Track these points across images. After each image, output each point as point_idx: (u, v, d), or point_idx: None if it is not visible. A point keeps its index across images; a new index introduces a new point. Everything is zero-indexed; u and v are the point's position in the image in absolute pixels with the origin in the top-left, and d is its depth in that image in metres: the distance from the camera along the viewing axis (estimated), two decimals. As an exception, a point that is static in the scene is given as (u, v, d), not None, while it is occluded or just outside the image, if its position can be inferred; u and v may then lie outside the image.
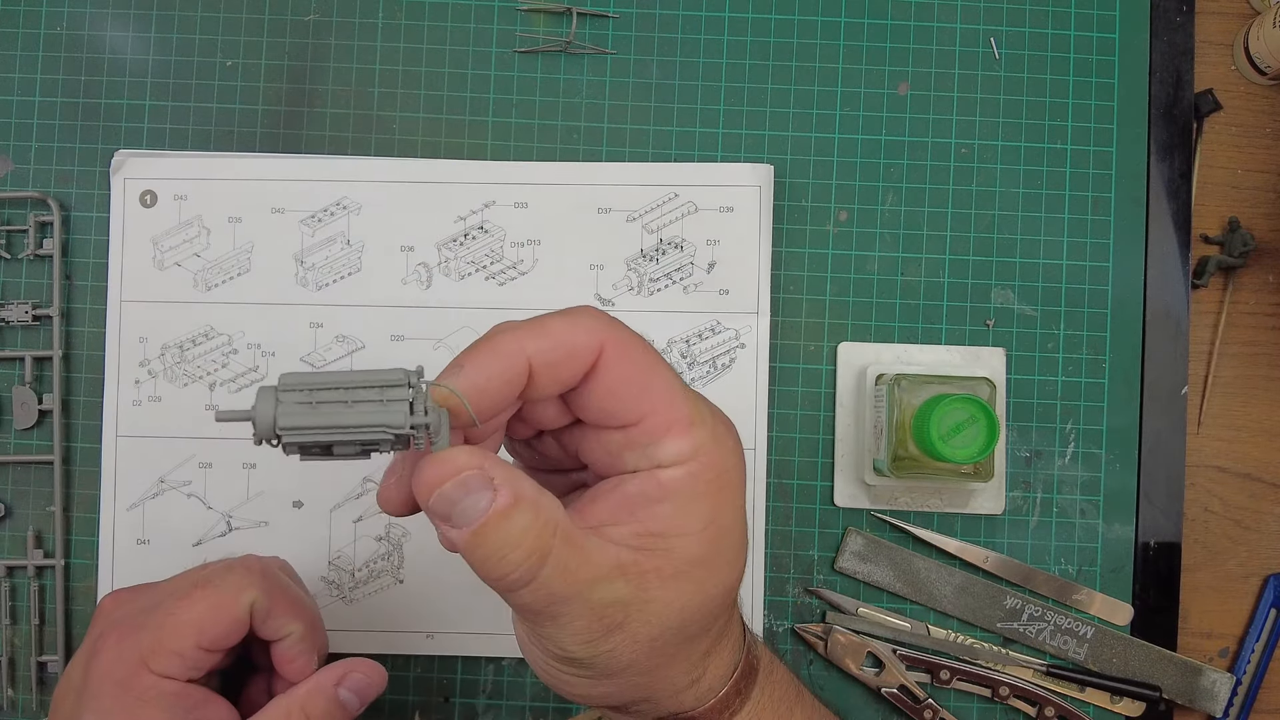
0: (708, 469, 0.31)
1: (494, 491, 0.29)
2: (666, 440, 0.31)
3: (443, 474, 0.29)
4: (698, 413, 0.32)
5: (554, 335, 0.30)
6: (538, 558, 0.29)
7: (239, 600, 0.39)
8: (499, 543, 0.29)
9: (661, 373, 0.31)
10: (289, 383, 0.28)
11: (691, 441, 0.31)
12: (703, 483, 0.31)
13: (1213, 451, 0.54)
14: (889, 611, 0.52)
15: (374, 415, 0.28)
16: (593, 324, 0.31)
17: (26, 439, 0.53)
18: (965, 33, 0.54)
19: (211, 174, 0.52)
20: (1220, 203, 0.54)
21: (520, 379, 0.30)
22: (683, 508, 0.31)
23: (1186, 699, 0.51)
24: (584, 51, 0.54)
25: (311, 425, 0.27)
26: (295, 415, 0.27)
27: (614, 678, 0.33)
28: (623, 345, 0.31)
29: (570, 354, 0.30)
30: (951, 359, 0.52)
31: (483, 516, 0.28)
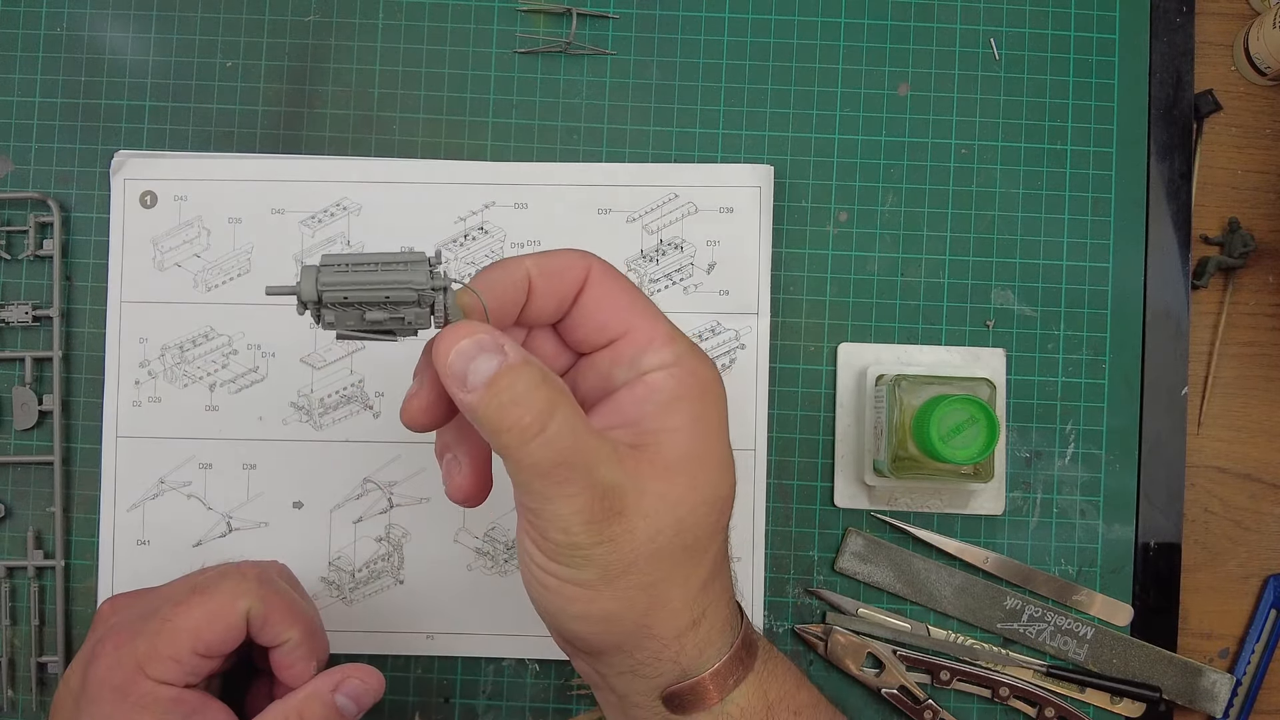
0: (690, 374, 0.34)
1: (504, 354, 0.31)
2: (650, 350, 0.34)
3: (459, 334, 0.31)
4: (675, 331, 0.35)
5: (549, 256, 0.34)
6: (548, 407, 0.31)
7: (235, 607, 0.40)
8: (512, 393, 0.31)
9: (641, 296, 0.35)
10: (328, 260, 0.32)
11: (673, 350, 0.34)
12: (685, 385, 0.34)
13: (1213, 452, 0.54)
14: (889, 612, 0.52)
15: (401, 275, 0.32)
16: (581, 253, 0.35)
17: (26, 439, 0.53)
18: (965, 33, 0.54)
19: (211, 175, 0.52)
20: (1220, 203, 0.54)
21: (522, 289, 0.34)
22: (668, 405, 0.34)
23: (1186, 699, 0.51)
24: (584, 52, 0.54)
25: (347, 282, 0.32)
26: (333, 277, 0.32)
27: (614, 583, 0.33)
28: (606, 267, 0.35)
29: (563, 269, 0.34)
30: (951, 359, 0.52)
31: (493, 372, 0.31)
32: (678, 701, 0.36)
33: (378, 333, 0.33)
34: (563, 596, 0.34)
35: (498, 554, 0.52)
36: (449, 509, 0.52)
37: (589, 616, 0.34)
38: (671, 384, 0.34)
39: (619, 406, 0.34)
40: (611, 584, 0.33)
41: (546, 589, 0.34)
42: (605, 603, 0.33)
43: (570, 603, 0.34)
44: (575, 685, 0.52)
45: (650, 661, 0.35)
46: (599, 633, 0.35)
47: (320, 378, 0.52)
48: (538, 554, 0.33)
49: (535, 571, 0.34)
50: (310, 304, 0.32)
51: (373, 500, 0.52)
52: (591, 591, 0.33)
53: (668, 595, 0.34)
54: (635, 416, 0.34)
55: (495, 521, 0.52)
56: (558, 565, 0.33)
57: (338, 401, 0.52)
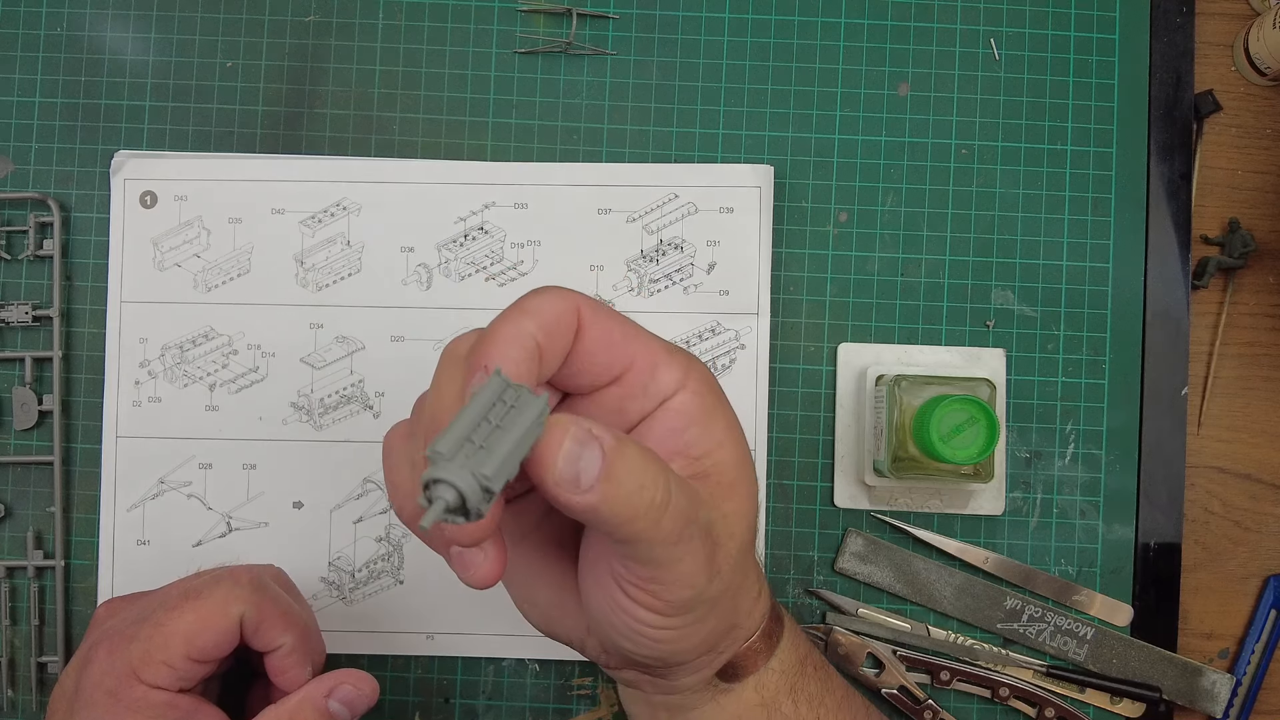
0: (703, 384, 0.33)
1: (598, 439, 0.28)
2: (659, 375, 0.33)
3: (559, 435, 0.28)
4: (669, 345, 0.34)
5: (541, 311, 0.31)
6: (662, 476, 0.30)
7: (228, 612, 0.40)
8: (631, 477, 0.29)
9: (627, 320, 0.34)
10: (438, 451, 0.26)
11: (680, 368, 0.33)
12: (707, 397, 0.33)
13: (1213, 452, 0.54)
14: (889, 612, 0.52)
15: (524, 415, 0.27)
16: (561, 293, 0.32)
17: (26, 439, 0.53)
18: (965, 33, 0.54)
19: (212, 175, 0.52)
20: (1220, 203, 0.54)
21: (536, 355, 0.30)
22: (705, 424, 0.33)
23: (1187, 700, 0.51)
24: (584, 52, 0.54)
25: (496, 462, 0.26)
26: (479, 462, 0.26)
27: (718, 607, 0.33)
28: (592, 304, 0.33)
29: (559, 321, 0.31)
30: (951, 360, 0.52)
31: (603, 461, 0.28)
32: (732, 672, 0.37)
33: None
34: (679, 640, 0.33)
35: (498, 554, 0.52)
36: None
37: (693, 649, 0.34)
38: (696, 401, 0.33)
39: (656, 440, 0.33)
40: (716, 608, 0.33)
41: (659, 643, 0.33)
42: (711, 623, 0.34)
43: (685, 641, 0.33)
44: (575, 685, 0.52)
45: (730, 646, 0.36)
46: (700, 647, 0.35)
47: (320, 378, 0.52)
48: (651, 616, 0.32)
49: (646, 632, 0.33)
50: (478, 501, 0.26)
51: (373, 500, 0.52)
52: (702, 623, 0.33)
53: (745, 587, 0.35)
54: (681, 446, 0.33)
55: (495, 521, 0.52)
56: (679, 619, 0.32)
57: (338, 401, 0.52)
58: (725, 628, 0.35)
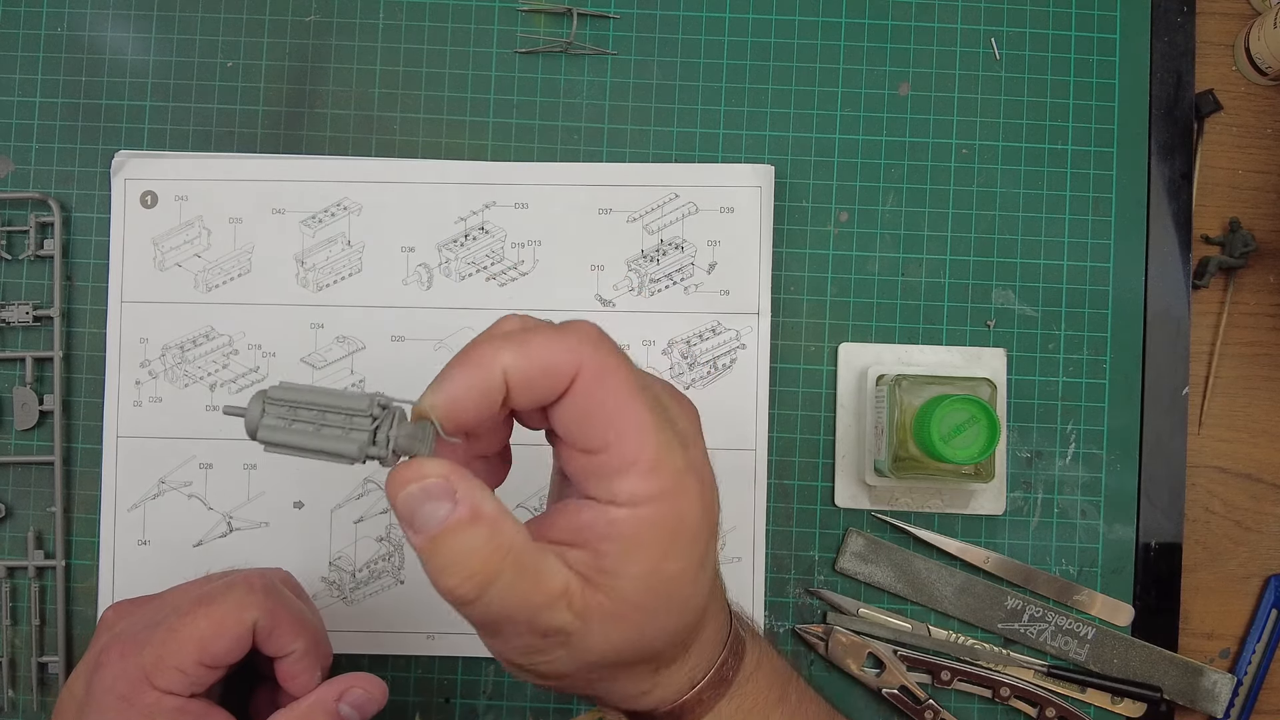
0: (660, 516, 0.31)
1: (454, 503, 0.29)
2: (624, 478, 0.30)
3: (406, 478, 0.30)
4: (665, 456, 0.31)
5: (533, 352, 0.30)
6: (484, 579, 0.29)
7: (241, 619, 0.40)
8: (451, 555, 0.29)
9: (634, 407, 0.30)
10: (276, 395, 0.30)
11: (648, 485, 0.30)
12: (650, 528, 0.31)
13: (1214, 452, 0.53)
14: (890, 612, 0.52)
15: (334, 443, 0.30)
16: (575, 343, 0.30)
17: (27, 439, 0.53)
18: (966, 33, 0.54)
19: (212, 175, 0.52)
20: (1221, 203, 0.54)
21: (496, 393, 0.30)
22: (626, 550, 0.31)
23: (1187, 700, 0.51)
24: (584, 52, 0.54)
25: (283, 442, 0.30)
26: (273, 431, 0.30)
27: (556, 680, 0.34)
28: (600, 371, 0.30)
29: (545, 372, 0.30)
30: (952, 359, 0.52)
31: (440, 525, 0.29)
32: None
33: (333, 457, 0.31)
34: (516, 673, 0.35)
35: (498, 554, 0.52)
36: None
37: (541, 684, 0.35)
38: (634, 529, 0.30)
39: (581, 529, 0.31)
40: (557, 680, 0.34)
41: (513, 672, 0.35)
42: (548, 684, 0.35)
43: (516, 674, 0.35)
44: (576, 685, 0.52)
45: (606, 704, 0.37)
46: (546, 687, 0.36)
47: (321, 378, 0.52)
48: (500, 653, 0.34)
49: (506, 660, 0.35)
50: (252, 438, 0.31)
51: (373, 500, 0.52)
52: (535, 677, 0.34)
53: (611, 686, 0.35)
54: (594, 548, 0.31)
55: (496, 521, 0.52)
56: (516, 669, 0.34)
57: (338, 401, 0.52)
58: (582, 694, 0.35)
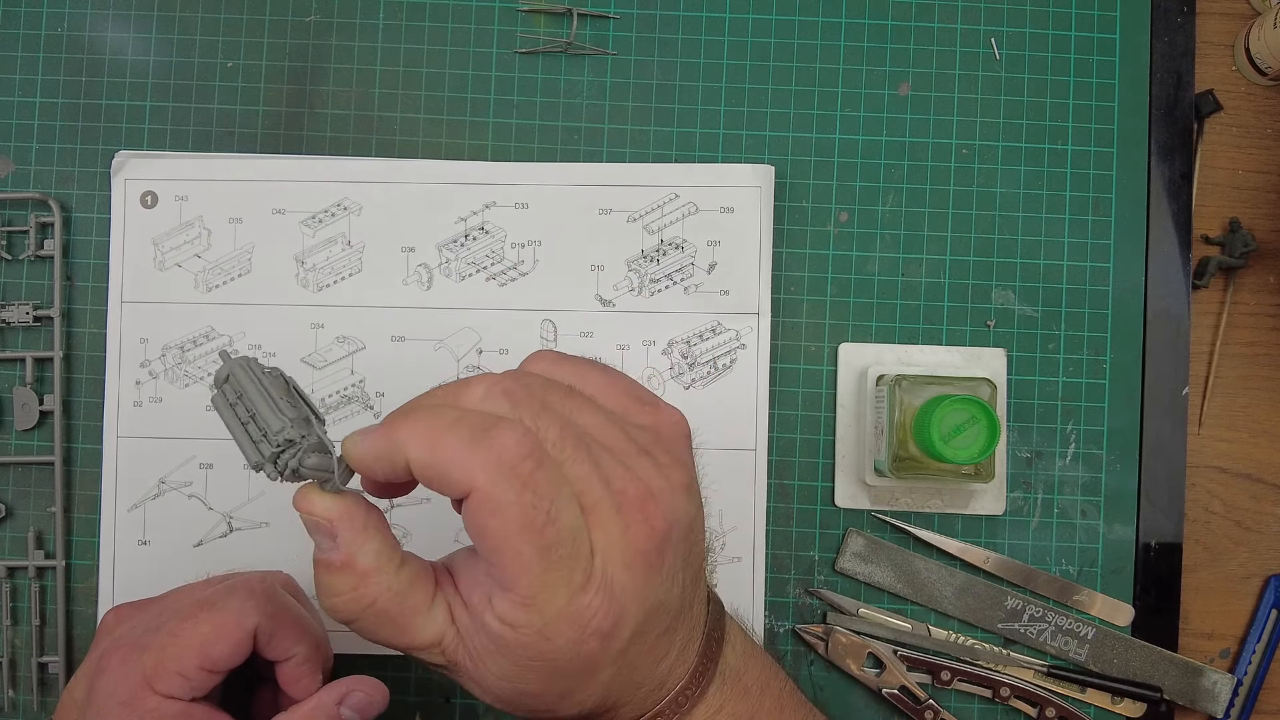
0: (522, 645, 0.31)
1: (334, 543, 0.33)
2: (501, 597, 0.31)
3: (299, 506, 0.34)
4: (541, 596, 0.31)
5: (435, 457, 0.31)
6: (345, 615, 0.34)
7: (242, 624, 0.40)
8: (320, 584, 0.34)
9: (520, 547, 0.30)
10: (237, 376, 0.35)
11: (517, 615, 0.31)
12: (512, 650, 0.32)
13: (1214, 452, 0.53)
14: (890, 612, 0.52)
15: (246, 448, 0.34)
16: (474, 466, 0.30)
17: (27, 440, 0.53)
18: (966, 33, 0.54)
19: (212, 175, 0.52)
20: (1221, 203, 0.54)
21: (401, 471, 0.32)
22: (491, 652, 0.32)
23: (1187, 700, 0.51)
24: (584, 52, 0.54)
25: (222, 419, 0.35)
26: (219, 403, 0.35)
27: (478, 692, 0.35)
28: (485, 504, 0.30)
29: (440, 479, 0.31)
30: (952, 360, 0.52)
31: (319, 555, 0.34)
32: None
33: None
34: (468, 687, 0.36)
35: (498, 554, 0.52)
36: (449, 510, 0.51)
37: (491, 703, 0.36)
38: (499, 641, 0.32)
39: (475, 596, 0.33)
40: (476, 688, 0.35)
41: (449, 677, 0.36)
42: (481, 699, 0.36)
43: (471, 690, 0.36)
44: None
45: None
46: None
47: (321, 378, 0.52)
48: None
49: None
50: None
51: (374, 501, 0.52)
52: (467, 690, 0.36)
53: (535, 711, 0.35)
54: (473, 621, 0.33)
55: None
56: None
57: (338, 401, 0.52)
58: None
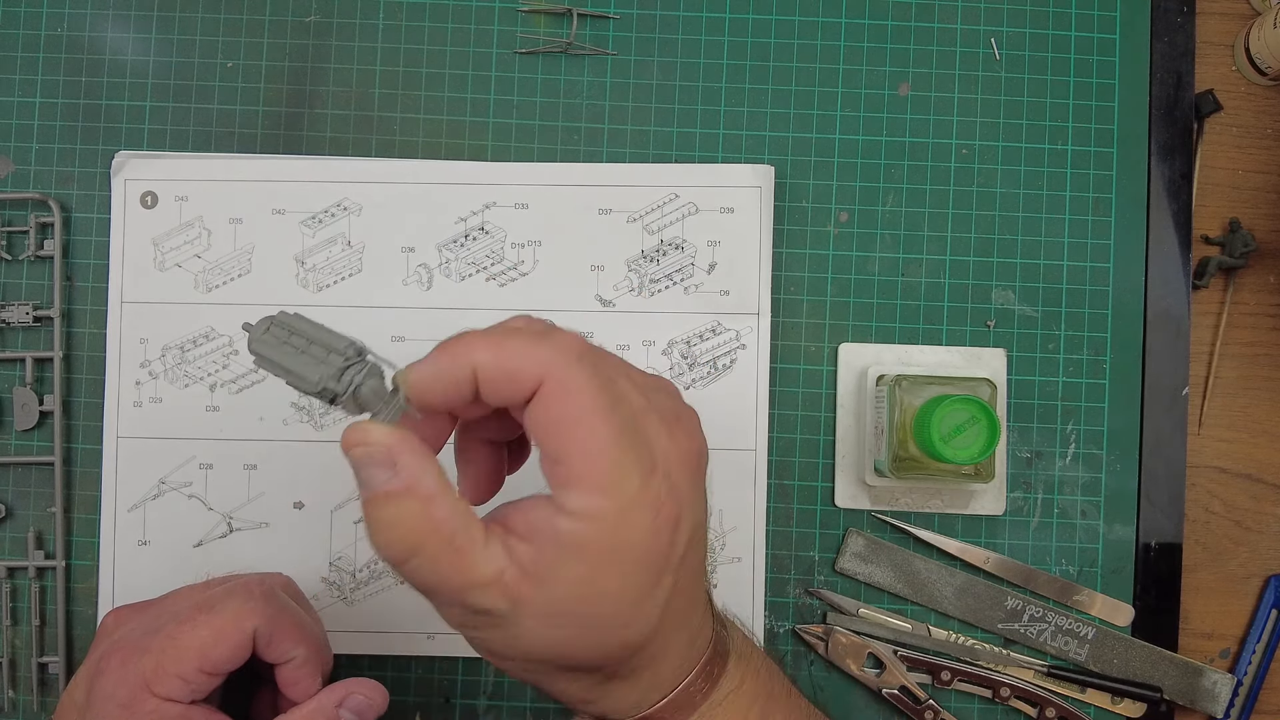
0: (601, 534, 0.31)
1: (393, 473, 0.31)
2: (573, 491, 0.31)
3: (353, 440, 0.31)
4: (617, 479, 0.31)
5: (504, 355, 0.31)
6: (407, 548, 0.31)
7: (242, 627, 0.40)
8: (382, 518, 0.31)
9: (591, 425, 0.31)
10: (282, 320, 0.34)
11: (594, 503, 0.31)
12: (590, 543, 0.31)
13: (1214, 452, 0.53)
14: (890, 612, 0.52)
15: (304, 367, 0.33)
16: (546, 354, 0.31)
17: (27, 440, 0.53)
18: (966, 33, 0.54)
19: (212, 175, 0.52)
20: (1221, 203, 0.54)
21: (465, 385, 0.31)
22: (564, 557, 0.31)
23: (1187, 700, 0.51)
24: (584, 52, 0.54)
25: (266, 355, 0.33)
26: (264, 344, 0.33)
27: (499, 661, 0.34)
28: (561, 386, 0.31)
29: (509, 378, 0.31)
30: (952, 360, 0.52)
31: (377, 489, 0.31)
32: None
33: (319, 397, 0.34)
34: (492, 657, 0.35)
35: (498, 554, 0.52)
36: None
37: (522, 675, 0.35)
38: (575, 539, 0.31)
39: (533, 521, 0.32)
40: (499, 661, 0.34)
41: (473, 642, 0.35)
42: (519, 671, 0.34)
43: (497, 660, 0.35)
44: (576, 685, 0.52)
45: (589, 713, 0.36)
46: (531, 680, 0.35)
47: (321, 378, 0.52)
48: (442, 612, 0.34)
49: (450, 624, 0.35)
50: None
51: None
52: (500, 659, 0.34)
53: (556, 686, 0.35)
54: (539, 545, 0.31)
55: (496, 522, 0.52)
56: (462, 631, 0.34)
57: (338, 402, 0.52)
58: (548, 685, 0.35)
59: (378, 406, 0.32)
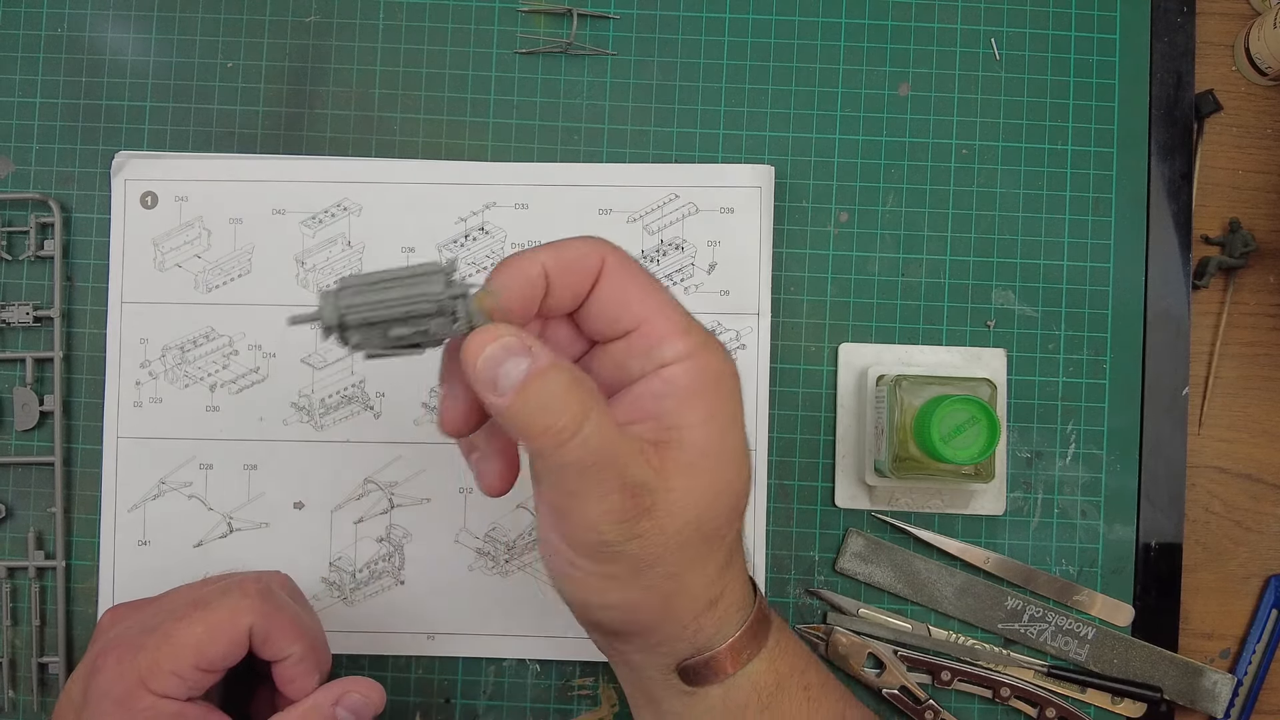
0: (704, 367, 0.34)
1: (532, 357, 0.32)
2: (664, 343, 0.34)
3: (485, 339, 0.32)
4: (689, 322, 0.35)
5: (563, 251, 0.34)
6: (581, 410, 0.31)
7: (237, 624, 0.40)
8: (543, 397, 0.31)
9: (656, 287, 0.35)
10: (346, 282, 0.32)
11: (687, 343, 0.34)
12: (701, 379, 0.34)
13: (1214, 452, 0.53)
14: (890, 612, 0.52)
15: (418, 288, 0.32)
16: (597, 245, 0.35)
17: (27, 440, 0.53)
18: (966, 33, 0.54)
19: (212, 175, 0.52)
20: (1221, 203, 0.54)
21: (539, 285, 0.34)
22: (686, 401, 0.34)
23: (1188, 700, 0.51)
24: (584, 52, 0.54)
25: (367, 302, 0.32)
26: (353, 299, 0.32)
27: (641, 575, 0.34)
28: (621, 258, 0.35)
29: (574, 267, 0.34)
30: (952, 360, 0.52)
31: (525, 375, 0.31)
32: (692, 674, 0.37)
33: (404, 348, 0.33)
34: (590, 588, 0.34)
35: (498, 554, 0.52)
36: (450, 509, 0.52)
37: (616, 605, 0.35)
38: (686, 379, 0.34)
39: (638, 400, 0.34)
40: (639, 576, 0.34)
41: (573, 581, 0.34)
42: (632, 592, 0.34)
43: (598, 594, 0.34)
44: (576, 685, 0.52)
45: (668, 641, 0.36)
46: (624, 619, 0.36)
47: (321, 378, 0.52)
48: (565, 548, 0.34)
49: (561, 564, 0.34)
50: (334, 329, 0.32)
51: (373, 501, 0.52)
52: (619, 583, 0.34)
53: (689, 582, 0.35)
54: (655, 412, 0.34)
55: (496, 522, 0.52)
56: (586, 560, 0.34)
57: (338, 402, 0.52)
58: (655, 604, 0.35)
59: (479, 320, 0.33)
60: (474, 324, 0.32)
